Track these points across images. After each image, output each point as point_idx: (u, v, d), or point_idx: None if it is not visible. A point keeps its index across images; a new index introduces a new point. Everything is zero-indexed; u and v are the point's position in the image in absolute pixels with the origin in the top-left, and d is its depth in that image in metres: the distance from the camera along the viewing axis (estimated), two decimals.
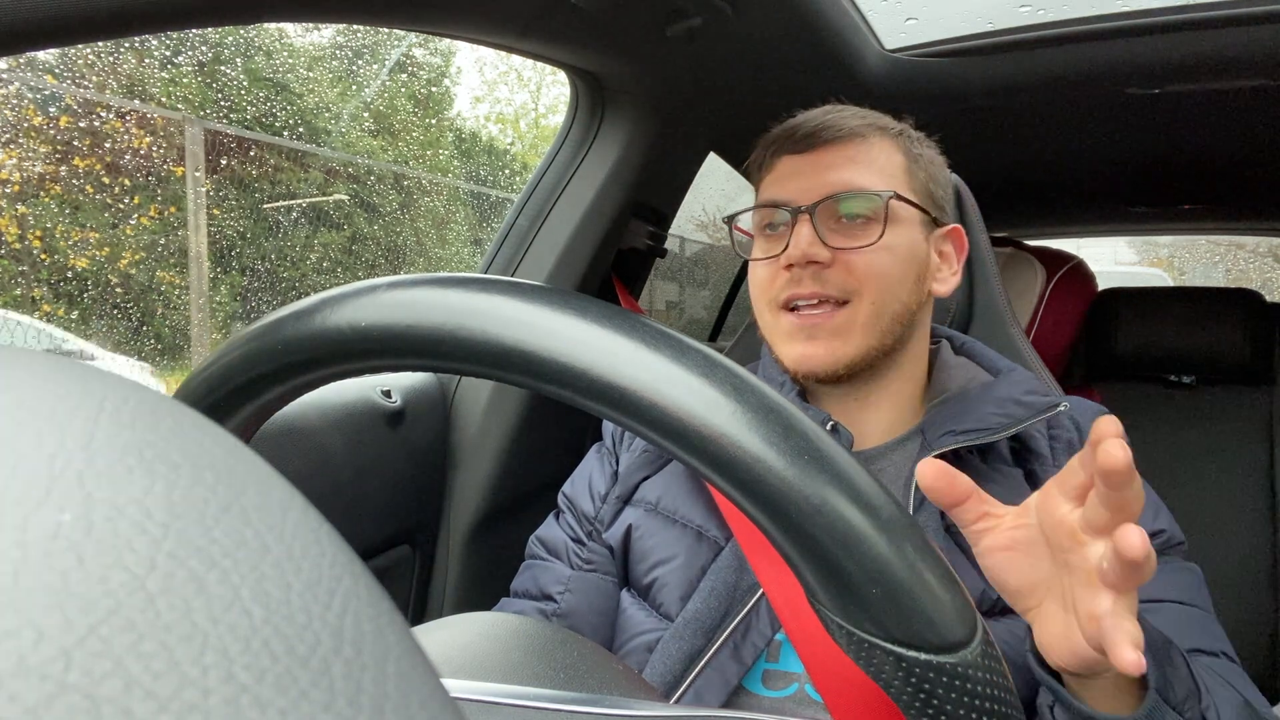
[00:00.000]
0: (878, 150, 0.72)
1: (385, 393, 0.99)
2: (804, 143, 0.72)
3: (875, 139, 0.72)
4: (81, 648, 0.10)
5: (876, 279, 0.69)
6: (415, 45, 5.93)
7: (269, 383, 0.34)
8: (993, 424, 0.68)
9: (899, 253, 0.70)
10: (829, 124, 0.72)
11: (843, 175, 0.70)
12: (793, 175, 0.72)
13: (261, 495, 0.13)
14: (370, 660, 0.12)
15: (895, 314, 0.71)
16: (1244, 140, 1.39)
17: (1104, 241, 6.52)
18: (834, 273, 0.68)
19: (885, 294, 0.69)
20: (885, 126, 0.74)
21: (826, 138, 0.71)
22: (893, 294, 0.70)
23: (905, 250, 0.71)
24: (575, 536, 0.79)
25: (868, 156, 0.71)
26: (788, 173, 0.72)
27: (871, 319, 0.69)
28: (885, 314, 0.70)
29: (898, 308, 0.71)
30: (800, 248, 0.68)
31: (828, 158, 0.71)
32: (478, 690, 0.34)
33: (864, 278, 0.69)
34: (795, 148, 0.73)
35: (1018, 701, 0.29)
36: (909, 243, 0.71)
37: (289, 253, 4.29)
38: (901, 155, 0.73)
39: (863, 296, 0.69)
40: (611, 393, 0.27)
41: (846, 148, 0.71)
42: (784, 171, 0.73)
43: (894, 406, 0.75)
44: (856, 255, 0.69)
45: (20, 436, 0.13)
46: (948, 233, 0.76)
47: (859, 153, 0.71)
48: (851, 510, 0.26)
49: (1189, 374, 1.58)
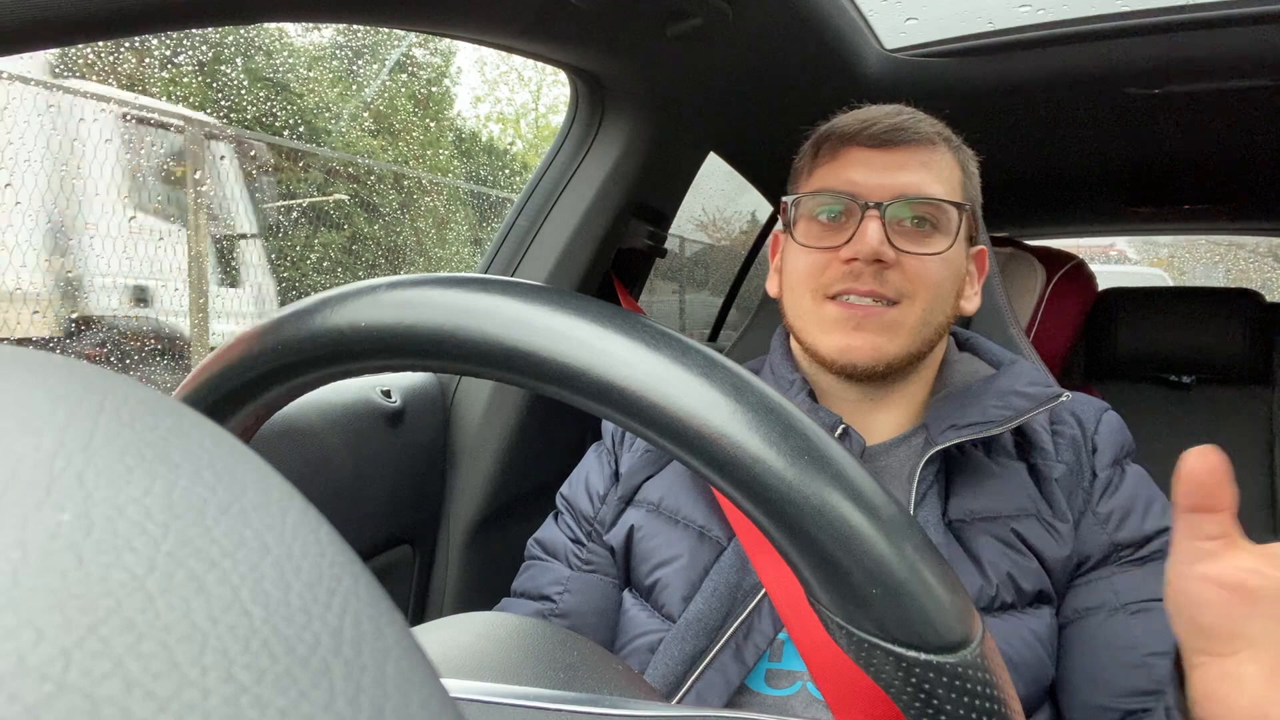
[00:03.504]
0: (944, 161, 0.72)
1: (385, 393, 0.99)
2: (879, 138, 0.71)
3: (943, 149, 0.72)
4: (81, 648, 0.10)
5: (932, 287, 0.69)
6: (415, 45, 5.93)
7: (269, 383, 0.34)
8: (994, 417, 0.68)
9: (953, 265, 0.71)
10: (906, 125, 0.71)
11: (915, 178, 0.69)
12: (862, 168, 0.70)
13: (261, 495, 0.13)
14: (370, 660, 0.12)
15: (939, 324, 0.71)
16: (1244, 140, 1.39)
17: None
18: (893, 274, 0.68)
19: (935, 303, 0.69)
20: (950, 138, 0.74)
21: (903, 138, 0.70)
22: (939, 305, 0.70)
23: (957, 264, 0.71)
24: (574, 537, 0.79)
25: (937, 164, 0.71)
26: (857, 164, 0.71)
27: (919, 324, 0.69)
28: (931, 323, 0.70)
29: (942, 319, 0.71)
30: (871, 244, 0.66)
31: (900, 158, 0.70)
32: (478, 690, 0.34)
33: (921, 284, 0.68)
34: (868, 141, 0.71)
35: (1018, 702, 0.29)
36: (960, 257, 0.72)
37: (289, 253, 4.29)
38: (959, 170, 0.73)
39: (915, 301, 0.68)
40: (611, 393, 0.27)
41: (920, 152, 0.71)
42: (852, 161, 0.71)
43: (904, 408, 0.75)
44: (920, 261, 0.68)
45: (20, 436, 0.13)
46: (977, 253, 0.77)
47: (931, 159, 0.71)
48: (851, 510, 0.26)
49: (1189, 374, 1.58)
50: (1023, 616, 0.65)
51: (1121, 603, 0.65)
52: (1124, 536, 0.68)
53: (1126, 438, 0.74)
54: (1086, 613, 0.66)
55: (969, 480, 0.69)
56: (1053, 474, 0.69)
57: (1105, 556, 0.67)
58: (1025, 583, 0.65)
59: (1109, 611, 0.65)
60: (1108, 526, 0.68)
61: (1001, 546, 0.66)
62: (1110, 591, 0.66)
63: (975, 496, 0.68)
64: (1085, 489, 0.70)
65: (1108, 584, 0.66)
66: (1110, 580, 0.67)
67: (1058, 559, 0.66)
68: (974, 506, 0.67)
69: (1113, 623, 0.65)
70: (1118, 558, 0.67)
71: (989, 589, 0.64)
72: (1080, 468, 0.70)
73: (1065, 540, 0.67)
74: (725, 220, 3.18)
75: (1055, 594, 0.67)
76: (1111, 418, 0.74)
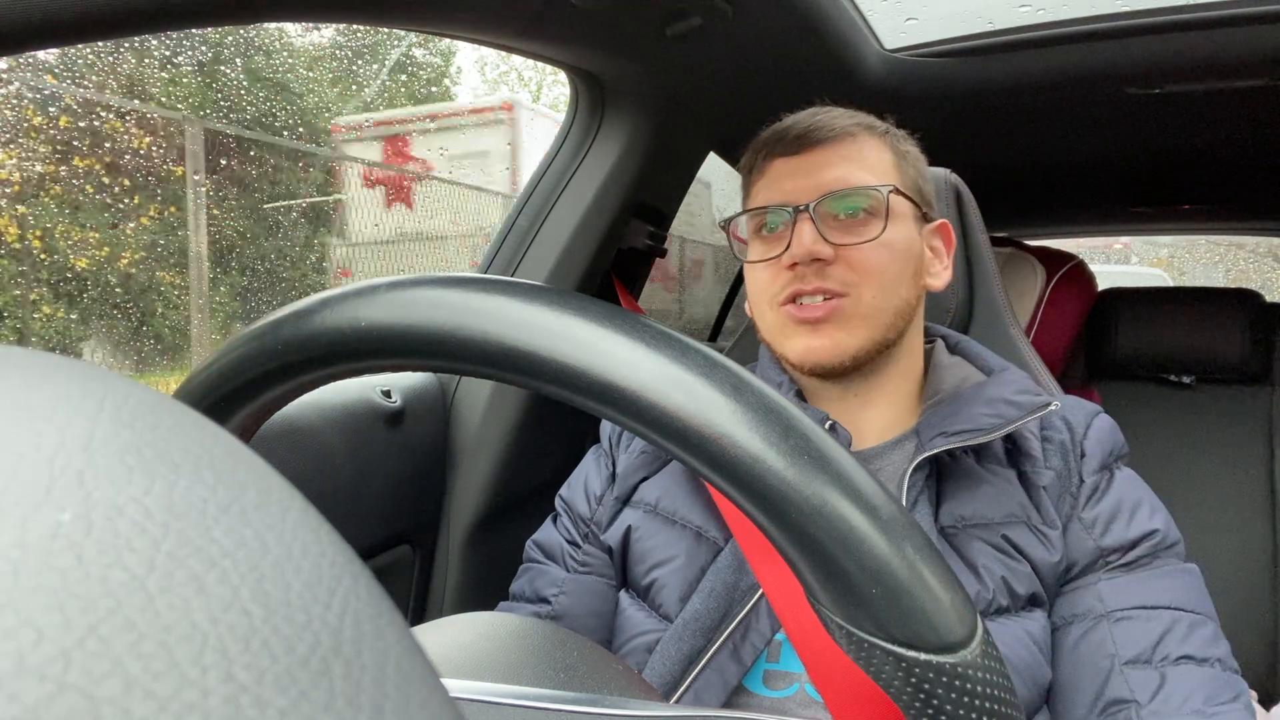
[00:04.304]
0: (868, 149, 0.73)
1: (385, 393, 0.99)
2: (795, 144, 0.72)
3: (864, 137, 0.73)
4: (81, 648, 0.10)
5: (878, 273, 0.69)
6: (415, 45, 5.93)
7: (269, 383, 0.34)
8: (984, 425, 0.68)
9: (897, 247, 0.71)
10: (819, 125, 0.72)
11: (838, 173, 0.70)
12: (788, 176, 0.72)
13: (261, 495, 0.13)
14: (370, 660, 0.12)
15: (896, 308, 0.71)
16: (1244, 140, 1.39)
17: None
18: (836, 268, 0.69)
19: (885, 288, 0.70)
20: (872, 125, 0.75)
21: (818, 138, 0.72)
22: (891, 289, 0.70)
23: (903, 245, 0.72)
24: (571, 539, 0.79)
25: (859, 154, 0.72)
26: (782, 174, 0.73)
27: (873, 311, 0.70)
28: (887, 308, 0.70)
29: (898, 302, 0.71)
30: (805, 245, 0.68)
31: (820, 157, 0.72)
32: (478, 690, 0.34)
33: (865, 272, 0.69)
34: (787, 149, 0.73)
35: (1018, 702, 0.29)
36: (906, 238, 0.72)
37: (289, 253, 4.29)
38: (890, 153, 0.74)
39: (863, 290, 0.69)
40: (611, 393, 0.27)
41: (839, 147, 0.72)
42: (778, 173, 0.73)
43: (891, 405, 0.75)
44: (858, 251, 0.69)
45: (20, 436, 0.13)
46: (937, 228, 0.77)
47: (851, 151, 0.72)
48: (851, 510, 0.26)
49: (1189, 374, 1.58)
50: (1018, 619, 0.65)
51: (1106, 610, 0.65)
52: (1110, 542, 0.68)
53: (1117, 441, 0.74)
54: (1074, 619, 0.67)
55: (959, 487, 0.69)
56: (1041, 481, 0.69)
57: (1092, 562, 0.68)
58: (1019, 586, 0.65)
59: (1094, 619, 0.65)
60: (1094, 532, 0.68)
61: (994, 551, 0.66)
62: (1096, 599, 0.66)
63: (966, 503, 0.68)
64: (1072, 494, 0.70)
65: (1094, 591, 0.67)
66: (1096, 587, 0.67)
67: (1048, 564, 0.66)
68: (964, 513, 0.68)
69: (1097, 631, 0.65)
70: (1104, 563, 0.67)
71: (985, 593, 0.64)
72: (1068, 473, 0.71)
73: (1055, 546, 0.67)
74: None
75: (1047, 598, 0.67)
76: (1102, 421, 0.74)
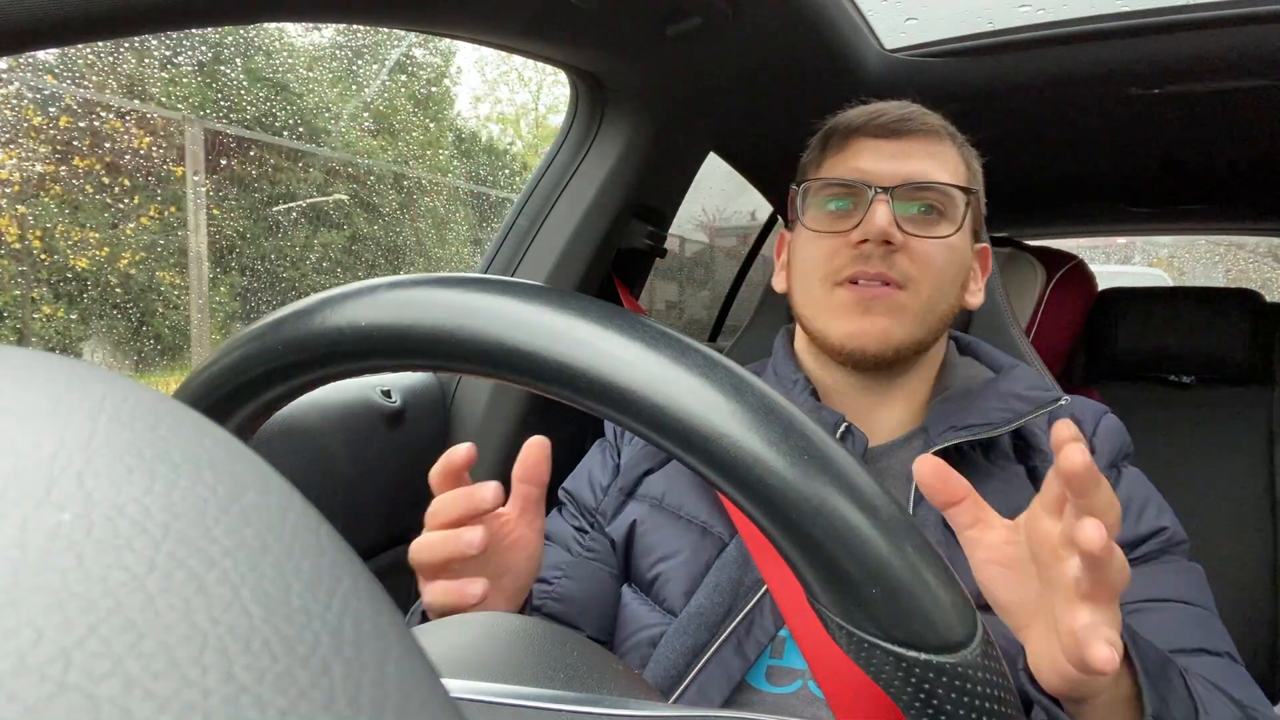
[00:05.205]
0: (949, 153, 0.74)
1: (385, 393, 0.99)
2: (887, 128, 0.73)
3: (948, 142, 0.74)
4: (81, 648, 0.10)
5: (937, 272, 0.70)
6: (415, 45, 5.93)
7: (269, 383, 0.34)
8: (994, 419, 0.68)
9: (957, 253, 0.72)
10: (914, 116, 0.73)
11: (923, 166, 0.71)
12: (871, 156, 0.72)
13: (261, 495, 0.13)
14: (370, 660, 0.12)
15: (942, 312, 0.72)
16: (1244, 140, 1.39)
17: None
18: (900, 258, 0.69)
19: (940, 289, 0.71)
20: (954, 134, 0.76)
21: (911, 128, 0.72)
22: (944, 291, 0.71)
23: (962, 253, 0.73)
24: (578, 526, 0.79)
25: (943, 156, 0.73)
26: (865, 153, 0.73)
27: (924, 310, 0.70)
28: (935, 309, 0.71)
29: (945, 307, 0.72)
30: (879, 224, 0.67)
31: (909, 147, 0.72)
32: (478, 690, 0.34)
33: (927, 267, 0.70)
34: (877, 131, 0.73)
35: (1018, 701, 0.29)
36: (964, 247, 0.73)
37: (289, 253, 4.29)
38: (964, 166, 0.75)
39: (921, 285, 0.70)
40: (611, 393, 0.27)
41: (928, 143, 0.73)
42: (860, 151, 0.73)
43: (906, 406, 0.75)
44: (926, 245, 0.70)
45: (20, 436, 0.13)
46: (980, 250, 0.78)
47: (938, 149, 0.73)
48: (851, 510, 0.26)
49: (1189, 374, 1.58)
50: None
51: None
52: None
53: (1125, 440, 0.74)
54: None
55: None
56: None
57: None
58: None
59: None
60: None
61: None
62: None
63: None
64: None
65: None
66: None
67: None
68: None
69: None
70: None
71: None
72: None
73: None
74: (724, 219, 3.19)
75: None
76: (1110, 421, 0.75)
